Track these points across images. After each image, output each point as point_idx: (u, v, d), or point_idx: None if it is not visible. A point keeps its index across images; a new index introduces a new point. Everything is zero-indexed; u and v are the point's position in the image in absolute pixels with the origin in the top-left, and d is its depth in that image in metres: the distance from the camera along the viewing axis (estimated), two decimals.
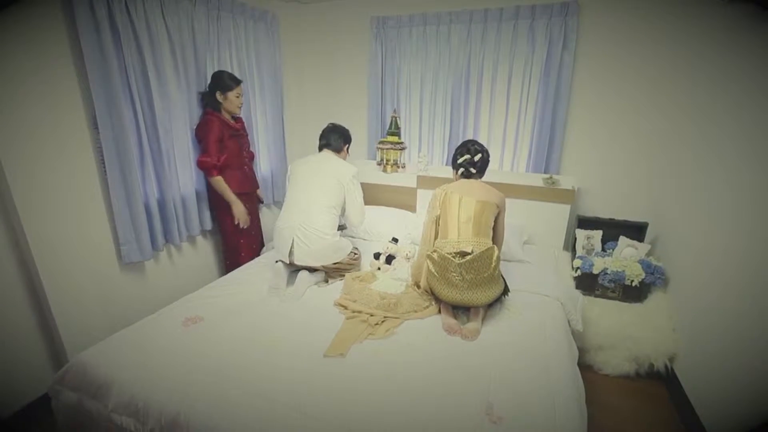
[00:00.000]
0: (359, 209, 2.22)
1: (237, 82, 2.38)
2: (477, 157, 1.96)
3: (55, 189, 1.79)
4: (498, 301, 1.88)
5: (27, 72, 1.63)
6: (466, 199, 1.86)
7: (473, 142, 2.03)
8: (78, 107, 1.85)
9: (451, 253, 1.73)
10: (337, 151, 2.27)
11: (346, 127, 2.35)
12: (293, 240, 2.03)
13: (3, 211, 1.68)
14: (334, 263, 2.10)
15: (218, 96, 2.35)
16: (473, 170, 1.97)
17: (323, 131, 2.31)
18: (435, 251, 1.78)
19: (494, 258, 1.71)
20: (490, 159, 2.07)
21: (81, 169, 1.91)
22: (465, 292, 1.70)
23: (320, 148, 2.29)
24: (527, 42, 2.61)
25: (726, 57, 2.00)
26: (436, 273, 1.76)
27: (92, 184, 1.97)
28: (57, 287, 1.83)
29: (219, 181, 2.37)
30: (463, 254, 1.72)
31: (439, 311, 1.82)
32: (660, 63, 2.40)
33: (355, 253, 2.25)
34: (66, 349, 1.88)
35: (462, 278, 1.69)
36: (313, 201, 2.08)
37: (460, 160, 2.00)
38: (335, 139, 2.26)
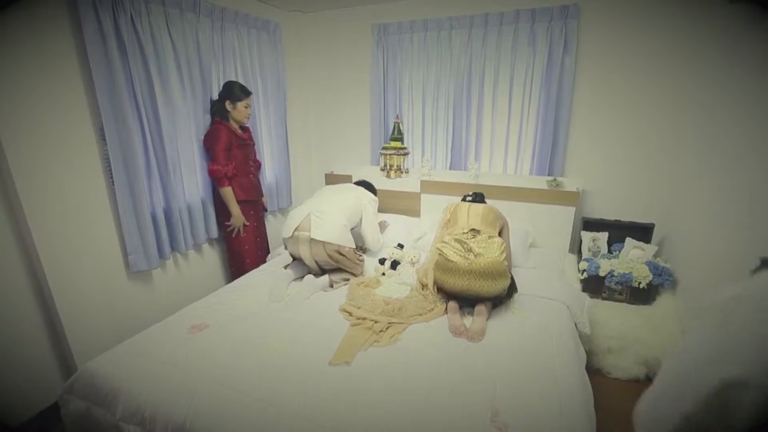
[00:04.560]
0: (374, 229, 2.47)
1: (247, 93, 2.43)
2: (471, 194, 2.44)
3: (64, 199, 1.82)
4: (503, 304, 1.88)
5: (35, 85, 1.67)
6: (474, 206, 2.18)
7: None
8: (85, 119, 1.89)
9: (462, 235, 1.92)
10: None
11: (372, 183, 2.78)
12: (305, 219, 2.15)
13: (13, 221, 1.72)
14: (338, 252, 2.12)
15: (227, 105, 2.39)
16: (470, 198, 2.40)
17: (358, 182, 2.75)
18: (445, 240, 1.93)
19: (499, 244, 1.86)
20: (492, 164, 2.45)
21: (89, 179, 1.94)
22: (472, 279, 1.74)
23: None
24: (528, 45, 2.62)
25: (727, 57, 1.99)
26: (449, 252, 1.83)
27: (100, 194, 2.00)
28: (65, 296, 1.86)
29: (228, 192, 2.42)
30: (473, 231, 1.94)
31: (445, 311, 1.83)
32: (661, 63, 2.39)
33: (360, 257, 2.28)
34: (74, 357, 1.91)
35: (469, 251, 1.79)
36: (330, 202, 2.30)
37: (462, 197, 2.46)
38: (365, 188, 2.63)
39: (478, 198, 2.40)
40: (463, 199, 2.40)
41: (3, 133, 1.58)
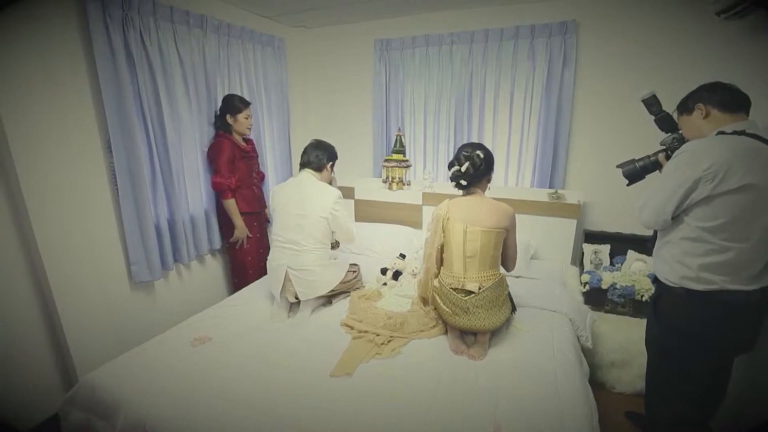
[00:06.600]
0: (347, 233, 2.10)
1: (246, 104, 2.46)
2: (465, 167, 1.74)
3: (69, 210, 1.84)
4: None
5: (45, 98, 1.71)
6: (471, 229, 1.68)
7: (463, 148, 1.80)
8: (93, 131, 1.93)
9: (456, 289, 1.69)
10: (319, 169, 2.07)
11: (331, 144, 2.17)
12: (285, 278, 1.98)
13: (19, 229, 1.74)
14: (331, 290, 2.06)
15: (228, 118, 2.42)
16: (464, 182, 1.77)
17: (305, 148, 2.10)
18: (440, 282, 1.76)
19: (503, 288, 1.72)
20: (494, 176, 1.92)
21: (94, 190, 1.97)
22: (473, 318, 1.66)
23: (301, 167, 2.11)
24: (528, 60, 2.66)
25: (724, 70, 2.02)
26: (442, 303, 1.74)
27: (105, 205, 2.03)
28: (69, 307, 1.86)
29: (231, 204, 2.44)
30: (469, 293, 1.67)
31: (446, 331, 1.81)
32: (659, 78, 2.42)
33: (354, 271, 2.22)
34: (76, 368, 1.90)
35: (465, 311, 1.67)
36: (298, 241, 1.98)
37: (450, 174, 1.82)
38: (317, 156, 2.06)
39: (474, 179, 1.77)
40: (457, 185, 1.82)
41: (12, 144, 1.61)
